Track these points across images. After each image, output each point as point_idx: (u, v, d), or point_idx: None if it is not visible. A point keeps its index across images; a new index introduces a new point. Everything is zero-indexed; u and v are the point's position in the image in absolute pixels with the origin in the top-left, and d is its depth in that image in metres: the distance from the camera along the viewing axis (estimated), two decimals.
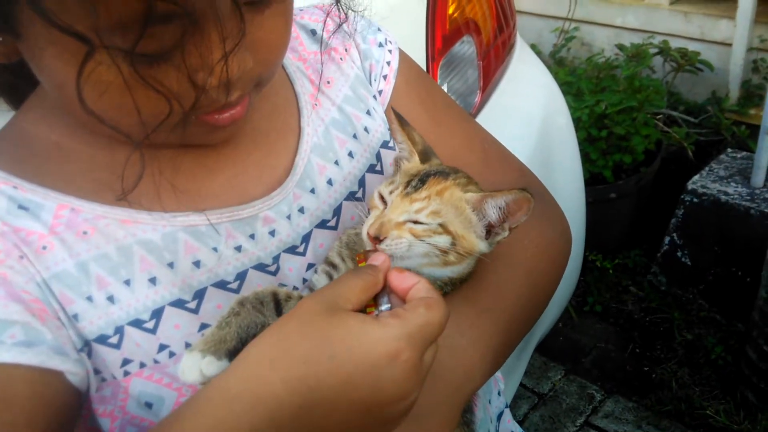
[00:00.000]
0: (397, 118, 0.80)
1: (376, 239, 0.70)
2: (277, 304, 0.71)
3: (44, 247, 0.67)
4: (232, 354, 0.64)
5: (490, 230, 0.75)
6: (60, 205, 0.69)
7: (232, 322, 0.68)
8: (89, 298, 0.68)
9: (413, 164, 0.79)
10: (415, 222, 0.72)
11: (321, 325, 0.57)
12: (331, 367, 0.55)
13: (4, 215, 0.67)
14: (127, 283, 0.70)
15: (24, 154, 0.72)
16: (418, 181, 0.74)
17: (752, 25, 3.10)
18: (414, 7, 1.52)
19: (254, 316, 0.68)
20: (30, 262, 0.66)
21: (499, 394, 0.99)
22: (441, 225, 0.72)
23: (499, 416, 0.98)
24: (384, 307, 0.64)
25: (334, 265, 0.79)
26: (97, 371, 0.70)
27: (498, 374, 1.03)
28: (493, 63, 1.75)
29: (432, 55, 1.52)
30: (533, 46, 3.75)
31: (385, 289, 0.65)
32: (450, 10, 1.57)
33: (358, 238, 0.79)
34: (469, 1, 1.64)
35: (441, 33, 1.54)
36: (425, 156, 0.80)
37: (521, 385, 2.58)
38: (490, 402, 0.95)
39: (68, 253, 0.68)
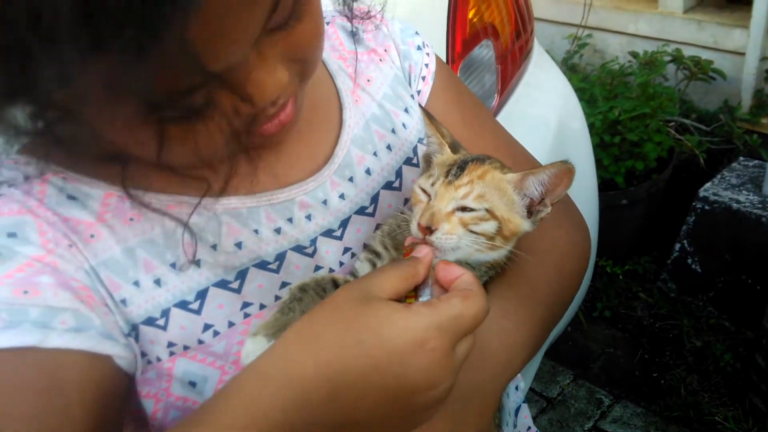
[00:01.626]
0: (425, 113, 0.82)
1: (428, 229, 0.71)
2: None
3: (92, 236, 0.69)
4: None
5: (531, 209, 0.77)
6: (107, 194, 0.71)
7: (296, 308, 0.70)
8: (136, 283, 0.71)
9: (446, 156, 0.81)
10: (464, 209, 0.73)
11: (352, 311, 0.59)
12: (358, 352, 0.56)
13: (53, 205, 0.69)
14: (173, 266, 0.72)
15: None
16: (457, 169, 0.76)
17: (765, 34, 3.11)
18: (435, 11, 1.54)
19: (317, 302, 0.70)
20: (78, 250, 0.68)
21: (516, 388, 1.01)
22: (488, 210, 0.73)
23: (517, 411, 1.00)
24: (424, 298, 0.65)
25: (377, 254, 0.81)
26: (143, 354, 0.72)
27: None
28: (510, 67, 1.77)
29: (452, 59, 1.55)
30: (546, 52, 3.77)
31: (427, 281, 0.66)
32: (470, 15, 1.59)
33: (400, 228, 0.80)
34: (488, 6, 1.66)
35: (461, 37, 1.56)
36: (454, 148, 0.82)
37: (530, 389, 2.59)
38: (508, 396, 0.97)
39: (115, 239, 0.70)
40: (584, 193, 1.95)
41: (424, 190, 0.78)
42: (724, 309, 2.71)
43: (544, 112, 1.84)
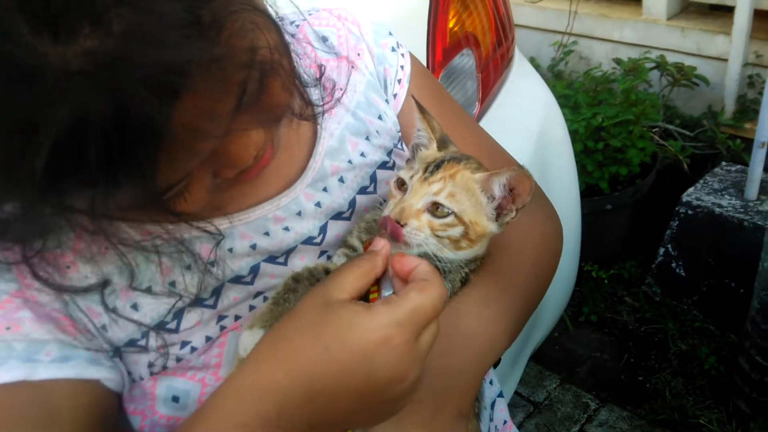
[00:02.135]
0: (418, 106, 0.83)
1: (396, 222, 0.74)
2: None
3: (68, 267, 0.70)
4: None
5: (500, 212, 0.80)
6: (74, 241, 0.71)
7: (290, 298, 0.72)
8: (114, 310, 0.71)
9: (431, 152, 0.83)
10: (434, 207, 0.75)
11: (315, 318, 0.62)
12: (327, 358, 0.60)
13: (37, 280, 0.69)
14: (149, 290, 0.73)
15: None
16: (434, 167, 0.78)
17: (748, 40, 3.15)
18: (415, 20, 1.56)
19: None
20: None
21: (491, 383, 1.03)
22: (456, 216, 0.75)
23: (492, 405, 1.02)
24: (387, 292, 0.67)
25: (353, 248, 0.83)
26: (128, 372, 0.73)
27: None
28: (491, 75, 1.79)
29: (432, 67, 1.56)
30: (532, 60, 3.81)
31: (387, 274, 0.68)
32: (450, 24, 1.61)
33: (376, 223, 0.83)
34: (469, 15, 1.68)
35: (441, 46, 1.58)
36: (443, 143, 0.84)
37: (516, 393, 2.60)
38: (484, 389, 1.00)
39: (91, 269, 0.71)
40: (566, 198, 1.97)
41: (402, 181, 0.79)
42: (709, 312, 2.73)
43: (526, 119, 1.86)
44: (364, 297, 0.67)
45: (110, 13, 0.45)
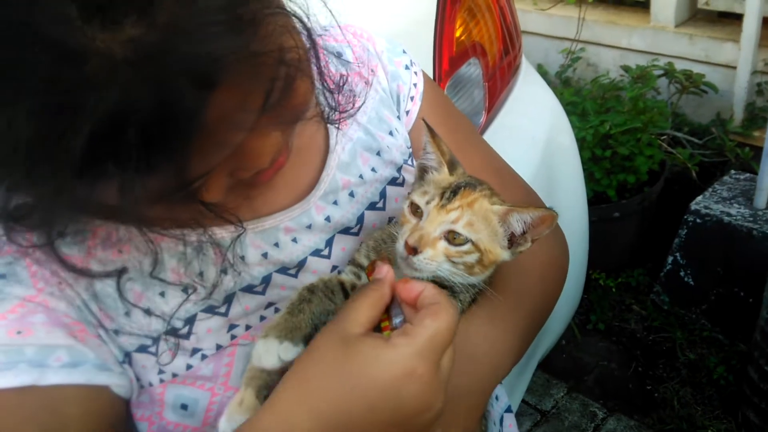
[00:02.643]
0: (429, 129, 0.84)
1: (413, 249, 0.74)
2: (345, 293, 0.76)
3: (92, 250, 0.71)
4: (307, 339, 0.70)
5: (512, 240, 0.80)
6: (97, 228, 0.72)
7: (305, 309, 0.72)
8: (127, 314, 0.72)
9: (443, 176, 0.83)
10: (451, 235, 0.75)
11: (337, 358, 0.62)
12: (353, 398, 0.61)
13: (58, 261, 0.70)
14: (162, 294, 0.74)
15: None
16: (450, 193, 0.78)
17: (756, 48, 3.14)
18: (422, 30, 1.56)
19: (326, 304, 0.74)
20: (69, 286, 0.70)
21: (497, 398, 1.03)
22: (473, 244, 0.76)
23: (501, 420, 1.02)
24: (397, 320, 0.68)
25: (361, 266, 0.84)
26: (137, 378, 0.74)
27: None
28: (498, 84, 1.79)
29: (439, 76, 1.57)
30: (540, 66, 3.81)
31: (396, 300, 0.69)
32: (457, 33, 1.61)
33: (385, 243, 0.84)
34: (476, 25, 1.69)
35: (448, 55, 1.58)
36: (452, 166, 0.84)
37: (524, 401, 2.59)
38: (492, 405, 1.00)
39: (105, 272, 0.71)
40: (574, 206, 1.97)
41: (416, 206, 0.79)
42: (717, 322, 2.72)
43: (533, 127, 1.86)
44: (376, 326, 0.67)
45: (156, 5, 0.47)
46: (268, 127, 0.62)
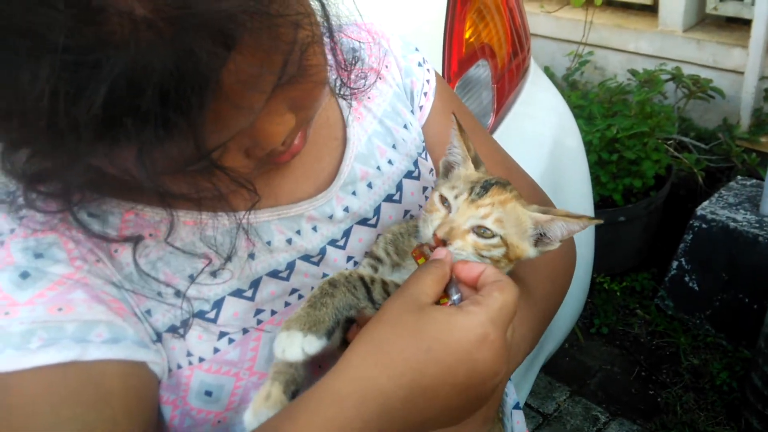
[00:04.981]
0: (457, 124, 0.85)
1: (442, 242, 0.76)
2: (367, 288, 0.77)
3: (116, 251, 0.72)
4: (330, 333, 0.71)
5: (538, 239, 0.82)
6: (127, 212, 0.73)
7: (328, 303, 0.73)
8: (159, 294, 0.73)
9: (470, 171, 0.85)
10: (480, 229, 0.77)
11: (412, 323, 0.65)
12: (429, 359, 0.63)
13: (76, 224, 0.70)
14: (191, 277, 0.75)
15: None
16: (480, 189, 0.79)
17: (765, 54, 3.13)
18: (431, 31, 1.56)
19: (349, 299, 0.75)
20: (105, 264, 0.71)
21: (506, 393, 1.04)
22: (501, 238, 0.78)
23: (510, 415, 1.03)
24: (455, 297, 0.71)
25: (379, 259, 0.86)
26: (167, 360, 0.75)
27: None
28: (507, 86, 1.79)
29: (448, 78, 1.57)
30: (546, 69, 3.80)
31: (452, 280, 0.72)
32: (467, 35, 1.61)
33: (403, 237, 0.86)
34: (485, 26, 1.69)
35: (457, 56, 1.58)
36: (476, 162, 0.86)
37: (526, 404, 2.59)
38: (506, 395, 1.03)
39: (137, 254, 0.72)
40: (580, 209, 1.95)
41: (444, 198, 0.81)
42: (721, 327, 2.71)
43: (540, 130, 1.86)
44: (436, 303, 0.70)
45: None
46: (279, 103, 0.63)
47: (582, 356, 2.81)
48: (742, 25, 3.31)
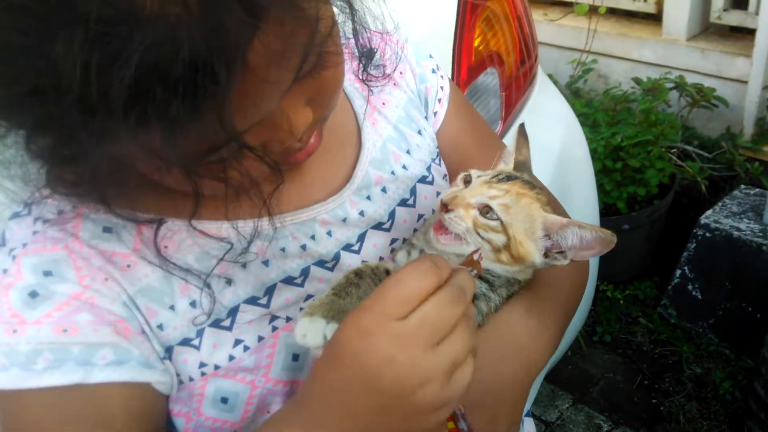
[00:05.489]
0: (521, 130, 0.88)
1: (445, 207, 0.77)
2: None
3: (128, 265, 0.72)
4: None
5: (547, 253, 0.81)
6: (141, 224, 0.73)
7: (353, 293, 0.73)
8: (172, 307, 0.73)
9: (507, 167, 0.87)
10: (485, 207, 0.77)
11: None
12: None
13: (88, 239, 0.71)
14: (207, 286, 0.75)
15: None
16: (504, 177, 0.81)
17: None
18: (441, 39, 1.57)
19: (373, 289, 0.72)
20: (115, 281, 0.71)
21: None
22: (502, 224, 0.77)
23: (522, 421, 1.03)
24: (462, 424, 0.68)
25: (413, 245, 0.87)
26: (177, 374, 0.75)
27: None
28: (514, 94, 1.80)
29: (457, 85, 1.57)
30: (550, 77, 3.80)
31: (462, 413, 0.68)
32: (476, 43, 1.62)
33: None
34: (494, 35, 1.69)
35: (467, 64, 1.59)
36: (519, 168, 0.88)
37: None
38: None
39: (151, 267, 0.73)
40: (586, 217, 1.97)
41: (468, 178, 0.83)
42: (724, 336, 2.71)
43: (547, 137, 1.86)
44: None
45: None
46: (297, 96, 0.63)
47: (585, 364, 2.81)
48: (746, 34, 3.32)
